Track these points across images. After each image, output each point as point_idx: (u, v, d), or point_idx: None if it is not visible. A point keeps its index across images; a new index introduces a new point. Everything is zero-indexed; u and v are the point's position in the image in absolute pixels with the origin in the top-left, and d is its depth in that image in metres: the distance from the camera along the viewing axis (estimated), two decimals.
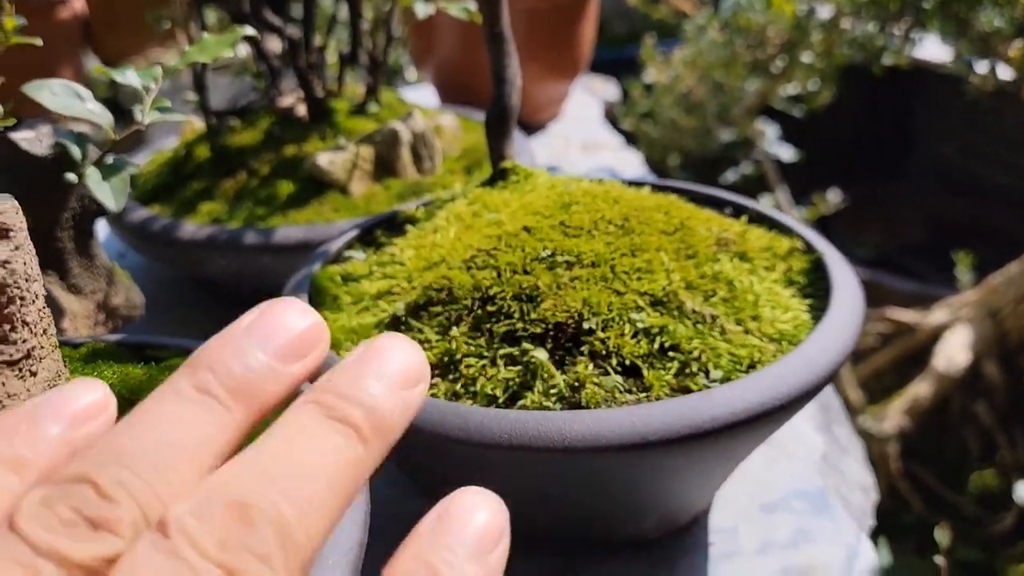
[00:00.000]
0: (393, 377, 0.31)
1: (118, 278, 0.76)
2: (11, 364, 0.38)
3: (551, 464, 0.52)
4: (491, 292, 0.61)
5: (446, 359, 0.59)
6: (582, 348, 0.58)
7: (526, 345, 0.58)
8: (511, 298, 0.60)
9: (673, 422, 0.50)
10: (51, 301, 0.70)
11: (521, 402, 0.56)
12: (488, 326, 0.60)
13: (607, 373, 0.56)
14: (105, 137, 0.80)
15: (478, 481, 0.47)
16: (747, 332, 0.60)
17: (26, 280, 0.39)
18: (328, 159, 0.94)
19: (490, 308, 0.61)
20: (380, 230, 0.79)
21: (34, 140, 0.67)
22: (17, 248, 0.39)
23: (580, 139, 1.52)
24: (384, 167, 0.99)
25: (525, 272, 0.62)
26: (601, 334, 0.58)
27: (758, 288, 0.63)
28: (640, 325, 0.58)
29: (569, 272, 0.61)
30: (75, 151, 0.66)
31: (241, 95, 1.26)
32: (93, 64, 0.63)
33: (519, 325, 0.59)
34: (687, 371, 0.56)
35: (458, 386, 0.58)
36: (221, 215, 0.93)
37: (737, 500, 0.70)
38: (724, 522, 0.68)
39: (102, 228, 1.12)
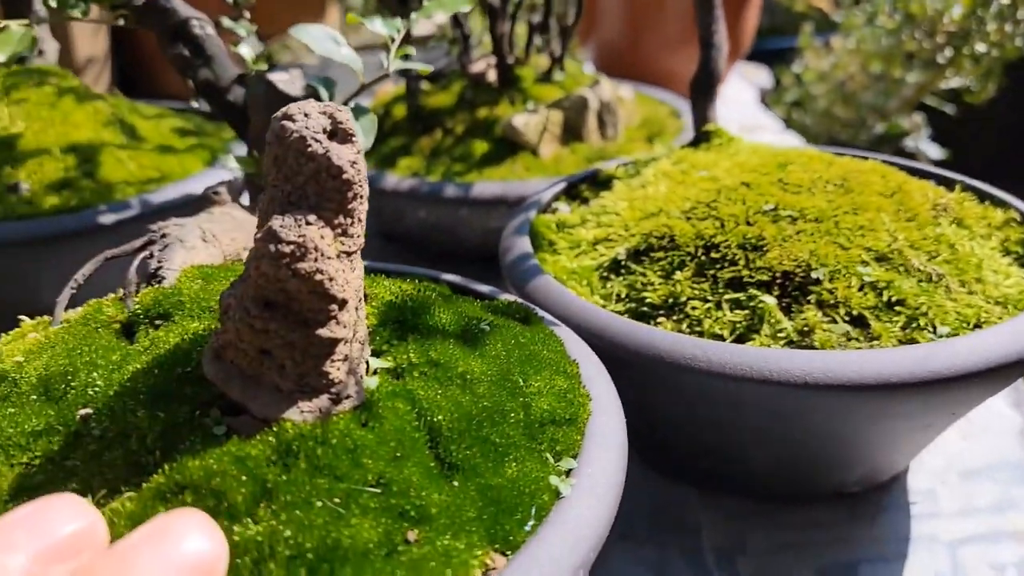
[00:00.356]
0: (175, 570, 0.28)
1: None
2: (349, 255, 0.43)
3: (784, 399, 0.55)
4: (715, 240, 0.63)
5: (670, 301, 0.62)
6: (809, 297, 0.59)
7: (752, 291, 0.60)
8: (736, 246, 0.63)
9: (915, 367, 0.52)
10: None
11: (748, 343, 0.58)
12: (712, 272, 0.62)
13: (834, 321, 0.58)
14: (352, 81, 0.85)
15: (705, 414, 0.51)
16: (971, 293, 0.61)
17: (363, 183, 0.44)
18: (522, 121, 0.98)
19: (714, 255, 0.63)
20: (583, 186, 0.83)
21: (289, 81, 0.72)
22: (359, 152, 0.44)
23: (738, 121, 1.52)
24: (571, 132, 1.02)
25: (748, 223, 0.64)
26: (828, 284, 0.59)
27: (979, 253, 0.64)
28: (867, 278, 0.60)
29: (793, 225, 0.63)
30: (324, 92, 0.72)
31: (430, 62, 1.31)
32: (348, 13, 0.69)
33: (744, 272, 0.61)
34: (914, 325, 0.58)
35: (683, 326, 0.60)
36: (419, 170, 0.98)
37: (933, 466, 0.71)
38: (922, 485, 0.69)
39: None
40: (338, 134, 0.43)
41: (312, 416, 0.42)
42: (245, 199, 0.77)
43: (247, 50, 0.82)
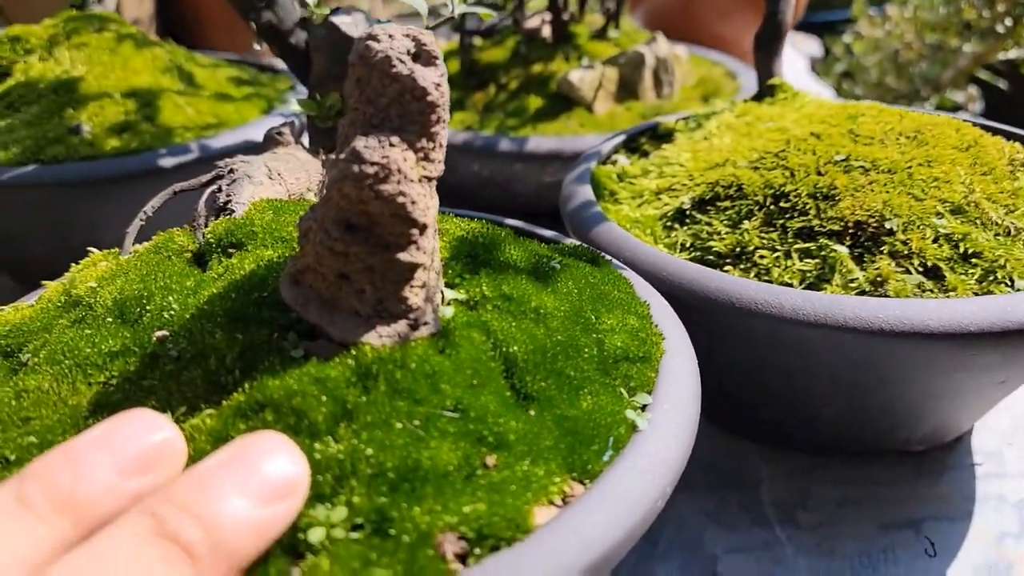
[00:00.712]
0: (256, 490, 0.27)
1: None
2: (430, 180, 0.43)
3: (857, 347, 0.54)
4: (784, 190, 0.62)
5: (737, 250, 0.61)
6: (882, 248, 0.58)
7: (823, 241, 0.59)
8: (806, 196, 0.61)
9: (995, 317, 0.51)
10: None
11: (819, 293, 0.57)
12: (781, 221, 0.61)
13: (908, 272, 0.57)
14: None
15: (773, 364, 0.49)
16: None
17: (446, 106, 0.43)
18: (578, 76, 0.97)
19: (783, 204, 0.62)
20: (643, 139, 0.81)
21: (352, 24, 0.72)
22: (443, 75, 0.43)
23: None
24: (626, 89, 1.01)
25: (819, 173, 0.63)
26: (902, 235, 0.58)
27: None
28: (941, 230, 0.58)
29: (865, 176, 0.62)
30: None
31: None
32: None
33: (815, 222, 0.60)
34: (991, 278, 0.56)
35: (751, 275, 0.60)
36: (472, 124, 0.97)
37: (1000, 428, 0.70)
38: (987, 446, 0.68)
39: None
40: (422, 56, 0.43)
41: (390, 341, 0.42)
42: (305, 142, 0.77)
43: None
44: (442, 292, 0.47)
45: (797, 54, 1.70)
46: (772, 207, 0.62)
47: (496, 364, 0.44)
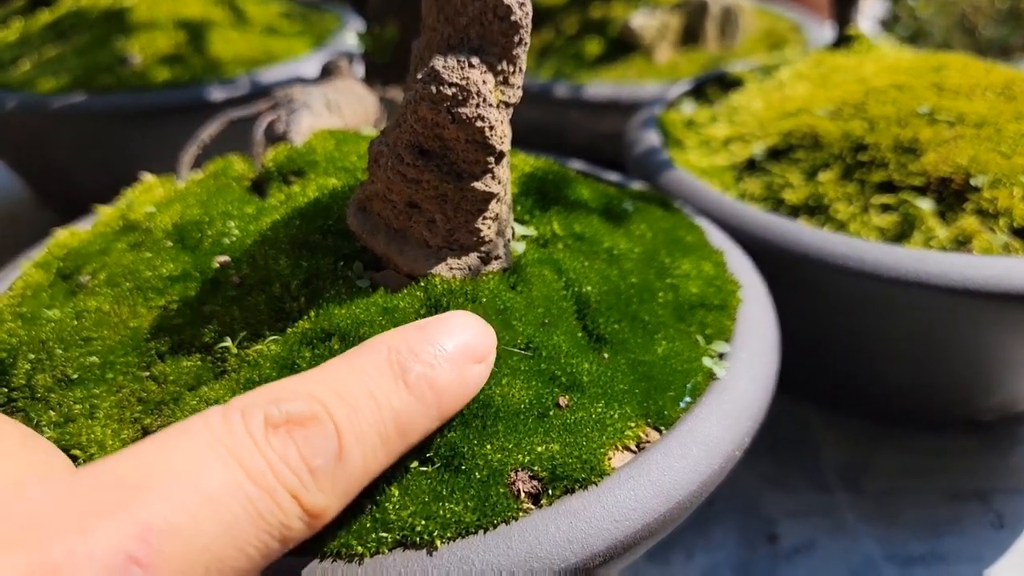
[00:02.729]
0: (461, 348, 0.32)
1: None
2: (508, 106, 0.41)
3: (938, 306, 0.51)
4: (864, 142, 0.59)
5: (811, 202, 0.59)
6: (965, 205, 0.55)
7: (904, 195, 0.56)
8: (887, 149, 0.58)
9: None
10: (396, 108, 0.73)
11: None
12: (859, 174, 0.58)
13: (993, 232, 0.54)
14: None
15: (846, 322, 0.46)
16: None
17: (528, 27, 0.41)
18: (640, 23, 0.93)
19: (862, 157, 0.59)
20: (710, 87, 0.78)
21: None
22: None
23: None
24: (689, 37, 0.98)
25: (901, 125, 0.60)
26: (988, 193, 0.55)
27: None
28: None
29: (951, 130, 0.59)
30: None
31: None
32: None
33: (896, 176, 0.57)
34: None
35: (826, 227, 0.57)
36: (528, 68, 0.95)
37: None
38: None
39: None
40: None
41: (461, 273, 0.40)
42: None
43: None
44: (512, 227, 0.45)
45: (862, 17, 1.64)
46: (850, 159, 0.59)
47: (568, 304, 0.42)
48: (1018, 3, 1.49)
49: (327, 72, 0.66)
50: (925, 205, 0.55)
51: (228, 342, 0.39)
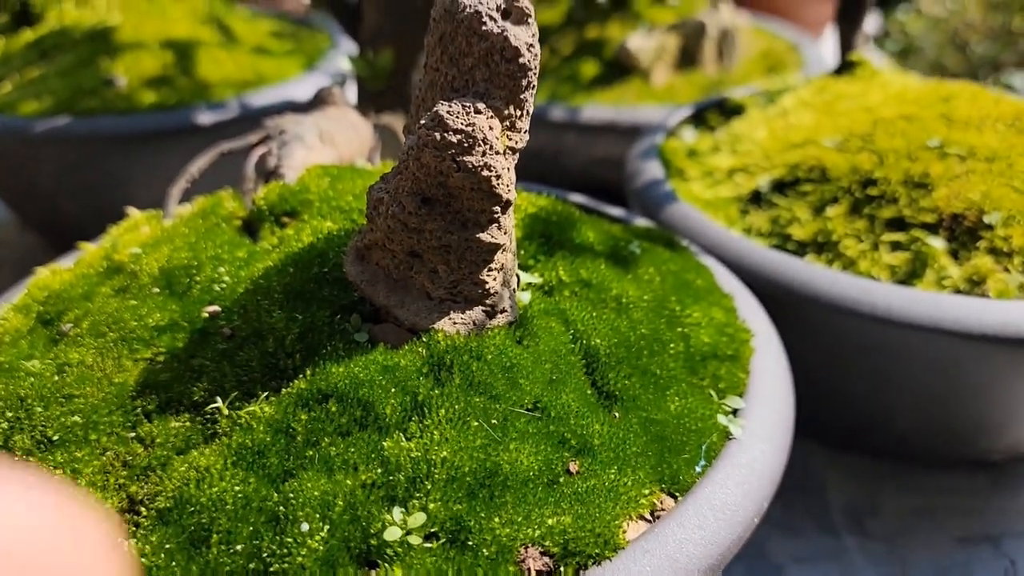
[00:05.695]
0: None
1: None
2: (515, 152, 0.39)
3: (952, 351, 0.50)
4: (873, 176, 0.58)
5: (819, 238, 0.57)
6: (978, 243, 0.54)
7: (916, 232, 0.55)
8: (897, 183, 0.57)
9: None
10: (396, 141, 0.71)
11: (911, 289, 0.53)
12: (869, 210, 0.57)
13: (1008, 271, 0.52)
14: None
15: (854, 362, 0.44)
16: None
17: (537, 69, 0.39)
18: (637, 44, 0.92)
19: (871, 192, 0.57)
20: (710, 113, 0.77)
21: None
22: (535, 34, 0.39)
23: None
24: (686, 59, 0.96)
25: (911, 159, 0.58)
26: (1002, 231, 0.54)
27: None
28: None
29: (963, 164, 0.57)
30: None
31: None
32: None
33: (906, 212, 0.56)
34: None
35: (835, 266, 0.55)
36: None
37: None
38: None
39: None
40: (513, 13, 0.38)
41: (465, 328, 0.38)
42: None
43: None
44: (517, 275, 0.43)
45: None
46: (859, 194, 0.58)
47: (576, 358, 0.40)
48: (1010, 21, 1.49)
49: (320, 99, 0.64)
50: (937, 244, 0.54)
51: (219, 402, 0.37)
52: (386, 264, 0.39)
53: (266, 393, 0.37)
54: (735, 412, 0.40)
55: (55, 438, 0.38)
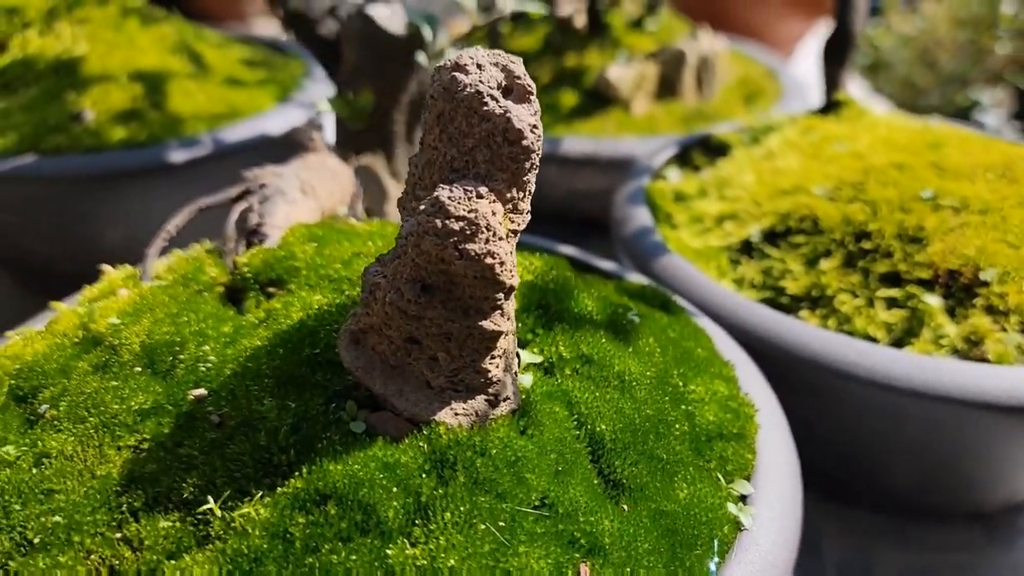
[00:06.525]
0: None
1: None
2: (516, 233, 0.37)
3: (952, 416, 0.49)
4: (867, 228, 0.57)
5: (813, 292, 0.56)
6: (975, 300, 0.53)
7: (911, 289, 0.54)
8: (891, 237, 0.56)
9: None
10: (377, 183, 0.70)
11: (907, 348, 0.52)
12: (863, 263, 0.56)
13: (1004, 331, 0.52)
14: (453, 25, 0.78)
15: (850, 422, 0.44)
16: None
17: (539, 150, 0.38)
18: (617, 75, 0.91)
19: (865, 245, 0.57)
20: (695, 151, 0.76)
21: (390, 17, 0.65)
22: (537, 112, 0.37)
23: (815, 82, 1.44)
24: (666, 88, 0.95)
25: (904, 211, 0.58)
26: (998, 287, 0.53)
27: None
28: None
29: (956, 217, 0.57)
30: (427, 32, 0.65)
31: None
32: None
33: (901, 267, 0.55)
34: None
35: (829, 322, 0.55)
36: None
37: None
38: None
39: None
40: (514, 91, 0.37)
41: (468, 420, 0.37)
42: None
43: None
44: (518, 354, 0.41)
45: (817, 40, 1.64)
46: (852, 246, 0.57)
47: (582, 445, 0.39)
48: (979, 39, 1.50)
49: (298, 144, 0.62)
50: (934, 301, 0.54)
51: (211, 502, 0.35)
52: (383, 350, 0.38)
53: (260, 492, 0.35)
54: (743, 498, 0.39)
55: (36, 540, 0.35)
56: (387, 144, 0.70)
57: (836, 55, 0.74)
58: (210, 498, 0.35)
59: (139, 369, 0.42)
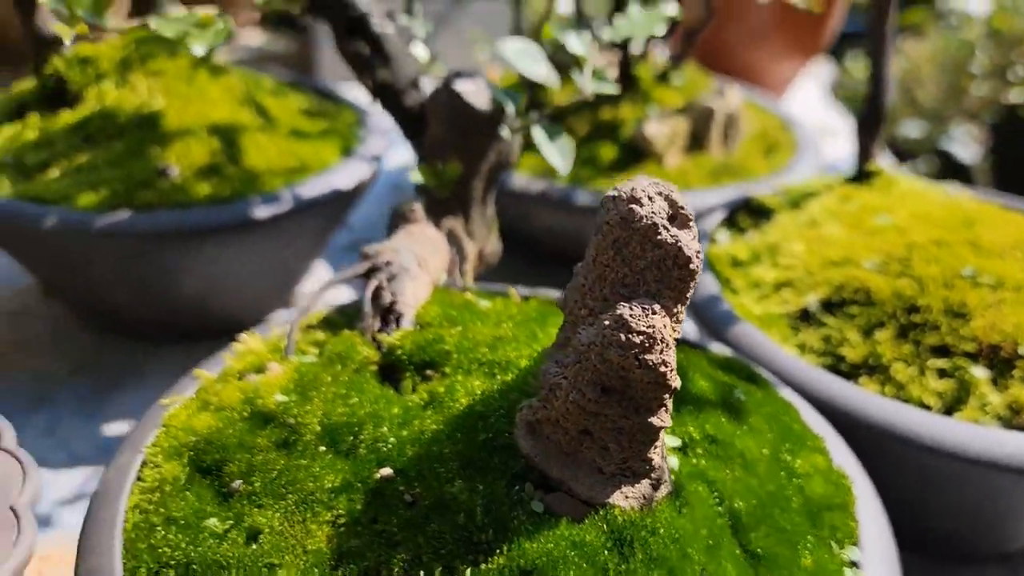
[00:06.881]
0: None
1: (495, 227, 0.81)
2: (677, 341, 0.43)
3: (1003, 482, 0.57)
4: (916, 303, 0.65)
5: (871, 361, 0.63)
6: (1014, 372, 0.61)
7: (959, 360, 0.62)
8: (938, 311, 0.64)
9: None
10: (459, 246, 0.75)
11: (956, 416, 0.60)
12: (915, 335, 0.64)
13: None
14: (545, 99, 0.84)
15: (901, 481, 0.49)
16: None
17: (700, 271, 0.44)
18: (653, 130, 0.98)
19: (915, 319, 0.64)
20: (739, 213, 0.83)
21: (475, 93, 0.71)
22: (696, 236, 0.44)
23: (808, 122, 1.53)
24: (695, 142, 1.02)
25: (947, 287, 0.65)
26: None
27: None
28: None
29: (994, 294, 0.65)
30: (510, 107, 0.70)
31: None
32: (546, 24, 0.65)
33: (949, 339, 0.63)
34: None
35: (885, 389, 0.62)
36: (540, 168, 0.97)
37: None
38: None
39: None
40: (678, 219, 0.43)
41: (637, 503, 0.43)
42: None
43: (422, 51, 0.80)
44: (664, 441, 0.48)
45: (812, 82, 1.73)
46: (903, 319, 0.64)
47: (723, 520, 0.45)
48: (958, 81, 1.60)
49: (401, 217, 0.68)
50: (979, 373, 0.61)
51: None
52: (557, 439, 0.44)
53: (467, 568, 0.41)
54: (854, 564, 0.46)
55: None
56: (465, 208, 0.76)
57: (869, 129, 0.82)
58: (422, 573, 0.41)
59: (323, 448, 0.47)
